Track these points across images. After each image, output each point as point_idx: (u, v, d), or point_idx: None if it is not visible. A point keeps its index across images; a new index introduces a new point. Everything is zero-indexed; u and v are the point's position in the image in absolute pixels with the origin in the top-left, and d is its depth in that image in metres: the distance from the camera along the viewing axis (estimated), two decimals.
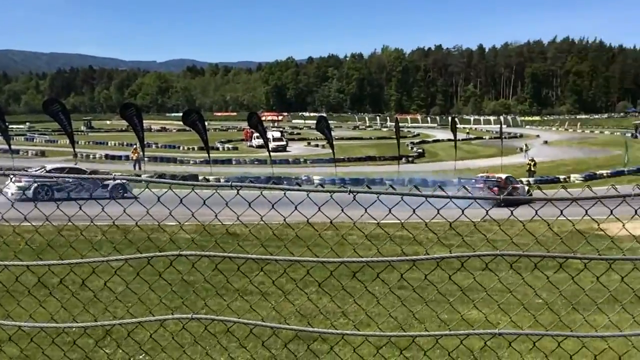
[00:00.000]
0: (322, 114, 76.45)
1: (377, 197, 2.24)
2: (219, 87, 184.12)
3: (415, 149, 59.49)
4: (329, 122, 41.59)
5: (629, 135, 60.51)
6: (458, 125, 54.33)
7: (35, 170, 21.93)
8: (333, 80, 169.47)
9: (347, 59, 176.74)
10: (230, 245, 9.53)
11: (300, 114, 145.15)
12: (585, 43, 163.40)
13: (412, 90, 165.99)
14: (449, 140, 60.85)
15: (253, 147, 56.23)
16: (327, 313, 6.28)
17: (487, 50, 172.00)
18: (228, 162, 43.95)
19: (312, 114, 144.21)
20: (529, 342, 2.71)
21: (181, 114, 44.91)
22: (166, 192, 2.50)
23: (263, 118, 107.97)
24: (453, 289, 3.71)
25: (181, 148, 57.18)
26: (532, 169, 37.01)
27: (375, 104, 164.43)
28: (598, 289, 2.70)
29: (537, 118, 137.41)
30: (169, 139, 70.85)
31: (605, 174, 37.42)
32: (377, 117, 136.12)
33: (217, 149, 57.00)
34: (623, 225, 2.42)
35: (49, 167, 24.93)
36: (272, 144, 51.67)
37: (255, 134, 53.98)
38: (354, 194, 2.18)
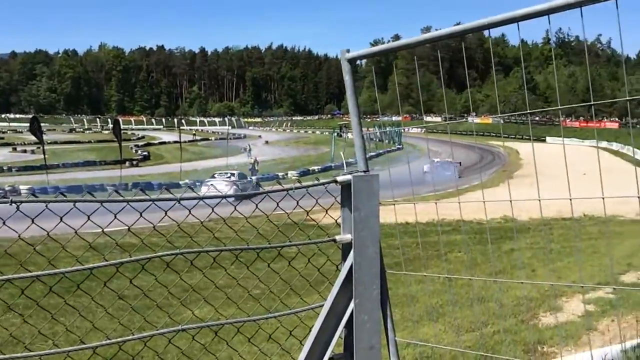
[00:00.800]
0: (34, 115, 68.57)
1: (46, 205, 2.00)
2: None
3: (140, 151, 57.57)
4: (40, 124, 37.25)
5: (335, 134, 68.53)
6: (184, 127, 54.40)
7: (229, 176, 29.44)
8: (43, 79, 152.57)
9: (59, 55, 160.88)
10: None
11: (3, 115, 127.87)
12: (297, 51, 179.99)
13: (135, 91, 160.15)
14: (175, 142, 60.54)
15: None
16: (31, 337, 5.47)
17: (209, 53, 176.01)
18: None
19: (18, 116, 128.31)
20: (246, 331, 2.80)
21: None
22: None
23: None
24: (177, 290, 3.58)
25: None
26: (255, 167, 39.29)
27: (94, 105, 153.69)
28: (307, 273, 2.91)
29: (258, 119, 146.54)
30: None
31: (316, 169, 41.82)
32: (98, 119, 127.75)
33: None
34: (326, 212, 2.63)
35: (237, 173, 31.00)
36: None
37: None
38: (17, 204, 1.93)
